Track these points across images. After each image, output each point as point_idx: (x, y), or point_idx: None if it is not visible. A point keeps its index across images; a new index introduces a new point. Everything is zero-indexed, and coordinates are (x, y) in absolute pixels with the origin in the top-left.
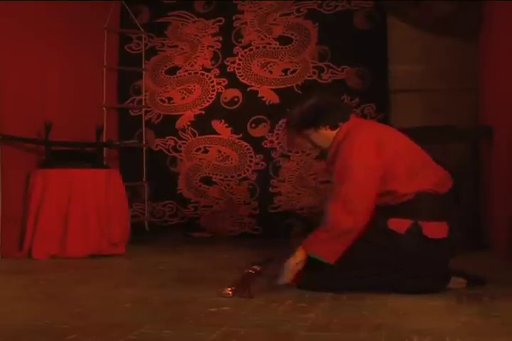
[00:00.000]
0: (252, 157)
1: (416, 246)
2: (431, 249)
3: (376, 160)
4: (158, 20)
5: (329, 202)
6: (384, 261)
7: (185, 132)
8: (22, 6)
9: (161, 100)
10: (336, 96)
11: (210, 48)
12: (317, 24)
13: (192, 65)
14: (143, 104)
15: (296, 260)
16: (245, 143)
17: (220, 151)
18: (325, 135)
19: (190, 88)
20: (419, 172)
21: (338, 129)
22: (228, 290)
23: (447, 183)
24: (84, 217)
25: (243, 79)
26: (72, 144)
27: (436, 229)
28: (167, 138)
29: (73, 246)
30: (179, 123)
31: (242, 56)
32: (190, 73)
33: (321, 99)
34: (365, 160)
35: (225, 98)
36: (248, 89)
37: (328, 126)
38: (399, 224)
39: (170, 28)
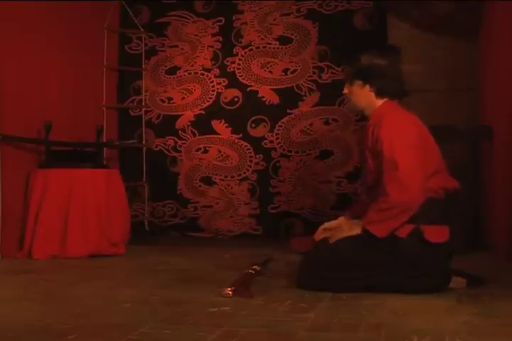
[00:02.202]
0: (252, 157)
1: (417, 250)
2: (432, 252)
3: (418, 140)
4: (158, 20)
5: (385, 184)
6: (385, 264)
7: (185, 132)
8: (22, 6)
9: (161, 100)
10: (402, 74)
11: (210, 48)
12: (317, 24)
13: (192, 65)
14: (143, 104)
15: (353, 233)
16: (245, 143)
17: (220, 151)
18: (367, 96)
19: (190, 88)
20: (433, 175)
21: (380, 100)
22: (228, 290)
23: (451, 187)
24: (84, 217)
25: (243, 79)
26: (72, 144)
27: (437, 233)
28: (167, 138)
29: (73, 246)
30: (179, 123)
31: (242, 56)
32: (190, 73)
33: (391, 64)
34: (409, 139)
35: (225, 98)
36: (248, 89)
37: (375, 89)
38: (400, 229)
39: (170, 28)
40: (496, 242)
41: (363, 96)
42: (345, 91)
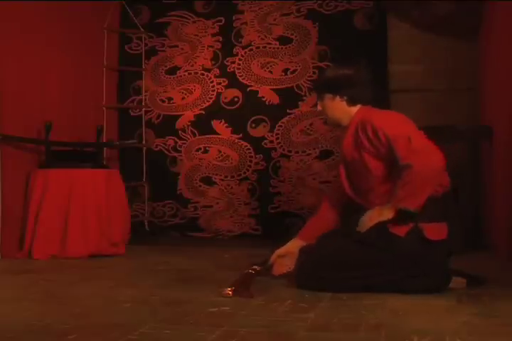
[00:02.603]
0: (252, 157)
1: (417, 248)
2: (431, 250)
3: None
4: (158, 20)
5: (403, 160)
6: (384, 263)
7: (185, 132)
8: (22, 6)
9: (161, 100)
10: (372, 79)
11: (210, 48)
12: (317, 24)
13: (192, 65)
14: (143, 104)
15: (384, 218)
16: (245, 143)
17: (220, 151)
18: (339, 107)
19: (190, 88)
20: None
21: (355, 108)
22: (228, 290)
23: (446, 184)
24: (84, 217)
25: (243, 79)
26: (72, 144)
27: (436, 231)
28: (167, 138)
29: (73, 246)
30: (179, 123)
31: (242, 56)
32: (190, 73)
33: (357, 72)
34: (407, 121)
35: (225, 98)
36: (248, 89)
37: (346, 98)
38: (399, 227)
39: (170, 28)
40: (496, 242)
41: (336, 107)
42: (318, 107)
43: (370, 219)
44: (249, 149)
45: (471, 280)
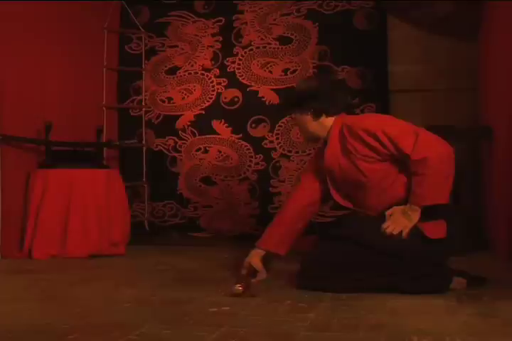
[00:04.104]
0: (252, 157)
1: (416, 247)
2: (431, 249)
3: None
4: (158, 20)
5: (415, 154)
6: (384, 263)
7: (185, 132)
8: (22, 6)
9: (161, 100)
10: (338, 89)
11: (210, 48)
12: (317, 24)
13: (192, 65)
14: (143, 104)
15: (412, 223)
16: (245, 143)
17: (220, 151)
18: (309, 121)
19: (190, 88)
20: None
21: (327, 119)
22: (238, 287)
23: None
24: (84, 217)
25: (243, 79)
26: (72, 144)
27: (435, 229)
28: (167, 138)
29: (73, 246)
30: (179, 123)
31: (242, 56)
32: (190, 73)
33: (320, 85)
34: (404, 122)
35: (225, 98)
36: (248, 89)
37: (315, 113)
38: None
39: (170, 28)
40: (497, 242)
41: (308, 122)
42: (298, 130)
43: (398, 223)
44: (249, 149)
45: (471, 280)
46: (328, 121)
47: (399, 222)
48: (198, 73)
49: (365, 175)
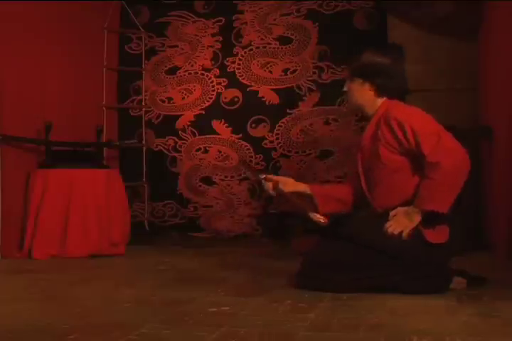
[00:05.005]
0: (252, 157)
1: (418, 251)
2: (433, 253)
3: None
4: (158, 20)
5: (432, 157)
6: (385, 265)
7: (185, 132)
8: (22, 6)
9: (161, 100)
10: (405, 73)
11: (210, 48)
12: (317, 24)
13: (192, 65)
14: (143, 104)
15: (413, 224)
16: (245, 143)
17: (220, 151)
18: (366, 94)
19: (190, 88)
20: None
21: (380, 99)
22: (319, 217)
23: None
24: (84, 217)
25: (243, 79)
26: (72, 144)
27: (437, 234)
28: (167, 138)
29: (73, 246)
30: (179, 123)
31: (242, 56)
32: (190, 73)
33: (393, 63)
34: (431, 119)
35: (225, 98)
36: (248, 89)
37: (375, 87)
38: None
39: (170, 28)
40: (496, 242)
41: (362, 94)
42: (345, 88)
43: (399, 223)
44: (249, 149)
45: (471, 280)
46: (379, 101)
47: (400, 223)
48: (198, 73)
49: (382, 162)
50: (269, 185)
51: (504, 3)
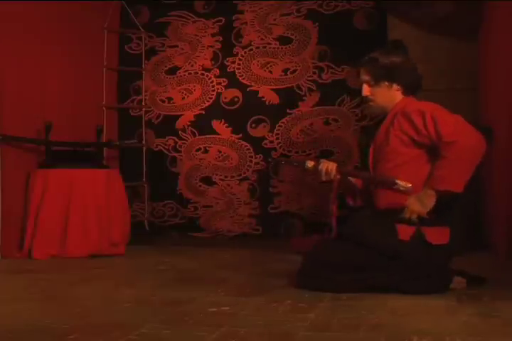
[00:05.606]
0: (252, 157)
1: (419, 252)
2: (433, 254)
3: None
4: (158, 20)
5: (449, 137)
6: (385, 265)
7: (185, 132)
8: (22, 6)
9: (161, 100)
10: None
11: (210, 48)
12: (317, 24)
13: (192, 65)
14: (143, 104)
15: (426, 209)
16: (245, 143)
17: (220, 151)
18: (393, 95)
19: (190, 88)
20: None
21: (400, 97)
22: (406, 183)
23: None
24: (84, 217)
25: (243, 79)
26: (72, 144)
27: (438, 235)
28: (167, 138)
29: (73, 246)
30: (179, 123)
31: (242, 56)
32: (190, 73)
33: (407, 60)
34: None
35: (225, 98)
36: (248, 89)
37: (402, 87)
38: (403, 231)
39: (170, 28)
40: (496, 242)
41: (391, 95)
42: (367, 93)
43: (413, 210)
44: (249, 149)
45: (471, 280)
46: (398, 99)
47: (414, 209)
48: (198, 73)
49: (388, 154)
50: (328, 167)
51: (504, 3)
